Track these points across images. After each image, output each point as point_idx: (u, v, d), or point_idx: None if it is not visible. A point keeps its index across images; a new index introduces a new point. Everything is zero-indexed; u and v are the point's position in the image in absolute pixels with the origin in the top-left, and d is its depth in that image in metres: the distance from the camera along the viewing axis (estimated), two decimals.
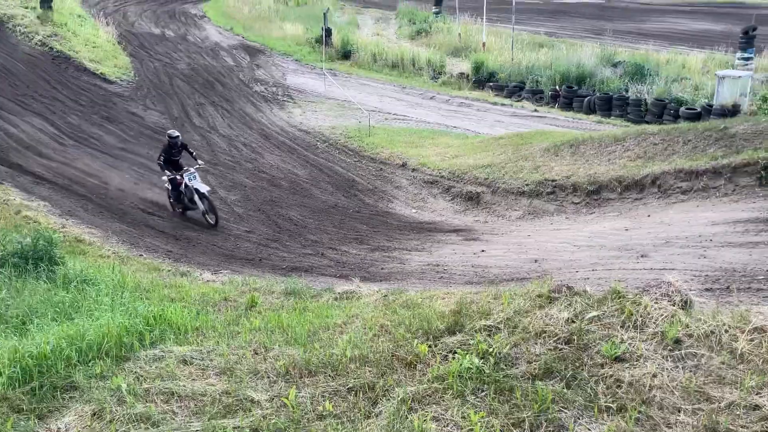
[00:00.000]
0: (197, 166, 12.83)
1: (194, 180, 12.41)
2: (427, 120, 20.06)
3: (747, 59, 21.99)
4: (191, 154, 13.14)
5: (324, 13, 27.66)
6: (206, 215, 12.45)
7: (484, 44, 28.52)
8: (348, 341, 4.28)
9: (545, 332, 3.67)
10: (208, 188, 12.65)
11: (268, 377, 4.02)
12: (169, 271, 8.53)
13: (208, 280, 8.03)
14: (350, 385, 3.77)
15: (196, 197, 12.34)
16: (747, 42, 22.26)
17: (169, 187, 12.87)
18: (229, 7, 39.03)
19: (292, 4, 40.58)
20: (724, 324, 3.33)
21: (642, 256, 7.47)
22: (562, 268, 7.83)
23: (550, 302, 3.99)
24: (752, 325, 3.21)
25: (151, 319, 5.06)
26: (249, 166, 15.76)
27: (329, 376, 3.92)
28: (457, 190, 13.73)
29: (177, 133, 13.07)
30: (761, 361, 3.01)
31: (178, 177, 12.50)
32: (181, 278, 7.89)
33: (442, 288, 6.31)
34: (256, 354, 4.41)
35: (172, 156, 12.84)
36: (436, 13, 36.20)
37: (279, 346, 4.51)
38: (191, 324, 5.17)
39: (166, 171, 12.57)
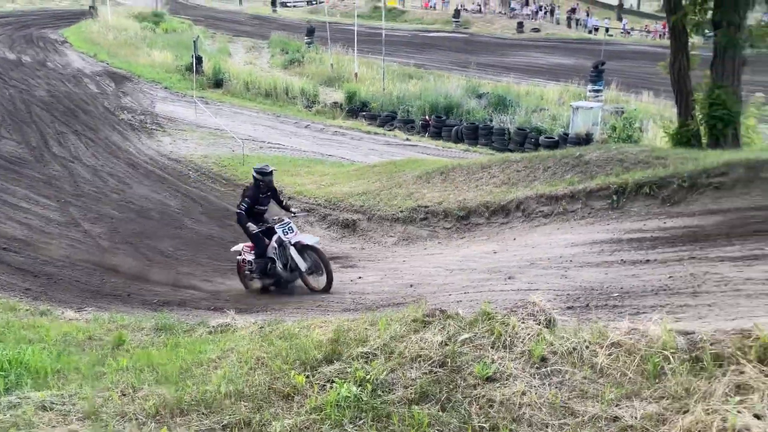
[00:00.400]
0: (293, 215, 10.18)
1: (291, 234, 9.58)
2: (302, 148, 20.10)
3: (597, 91, 23.72)
4: (280, 203, 10.16)
5: (194, 41, 27.15)
6: (309, 277, 9.57)
7: (356, 74, 29.03)
8: (222, 376, 4.17)
9: (420, 356, 3.76)
10: (316, 239, 10.13)
11: (137, 419, 3.83)
12: (27, 310, 7.95)
13: (71, 319, 7.55)
14: (225, 422, 3.67)
15: (296, 256, 9.44)
16: (597, 75, 24.04)
17: (248, 254, 9.87)
18: (92, 33, 37.40)
19: (159, 31, 39.50)
20: (584, 340, 3.53)
21: (509, 277, 7.82)
22: (437, 291, 8.03)
23: (424, 326, 4.08)
24: (610, 340, 3.43)
25: (6, 363, 4.69)
26: (116, 197, 15.06)
27: (203, 413, 3.79)
28: (334, 217, 13.79)
29: (271, 168, 9.82)
30: (618, 374, 3.22)
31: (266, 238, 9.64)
32: (41, 318, 7.38)
33: (320, 316, 6.30)
34: (124, 395, 4.20)
35: (259, 204, 9.75)
36: (309, 44, 36.46)
37: (149, 385, 4.31)
38: (51, 366, 4.85)
39: (249, 226, 9.40)
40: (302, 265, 9.46)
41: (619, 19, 64.78)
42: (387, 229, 13.01)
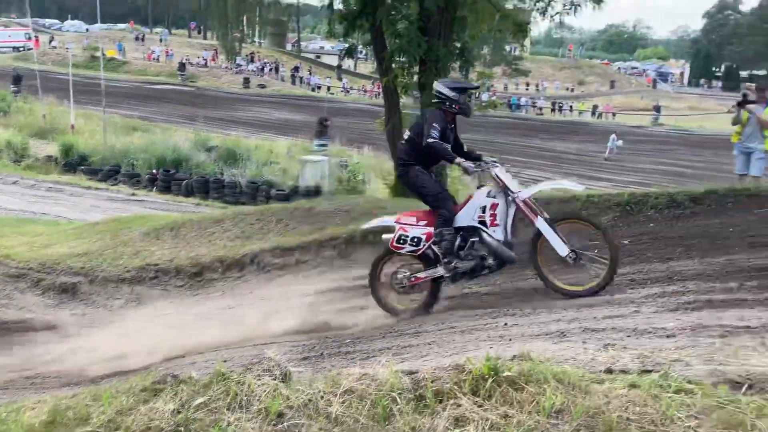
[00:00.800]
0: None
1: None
2: (10, 207, 18.01)
3: (323, 146, 24.82)
4: (461, 145, 7.05)
5: None
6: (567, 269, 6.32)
7: (72, 126, 27.03)
8: None
9: (150, 429, 3.53)
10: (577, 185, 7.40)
11: None
12: None
13: None
14: None
15: (543, 228, 6.13)
16: (322, 131, 25.20)
17: (415, 228, 6.43)
18: None
19: None
20: (319, 390, 3.60)
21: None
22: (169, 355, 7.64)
23: (155, 395, 3.84)
24: (343, 387, 3.54)
25: None
26: None
27: None
28: (49, 282, 12.46)
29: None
30: (352, 421, 3.33)
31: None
32: None
33: (34, 396, 5.61)
34: None
35: (444, 139, 6.55)
36: (15, 93, 33.20)
37: None
38: None
39: (461, 162, 6.35)
40: (560, 247, 6.11)
41: (339, 78, 68.96)
42: (112, 292, 12.11)
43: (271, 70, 67.54)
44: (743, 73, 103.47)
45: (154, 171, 22.94)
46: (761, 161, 10.31)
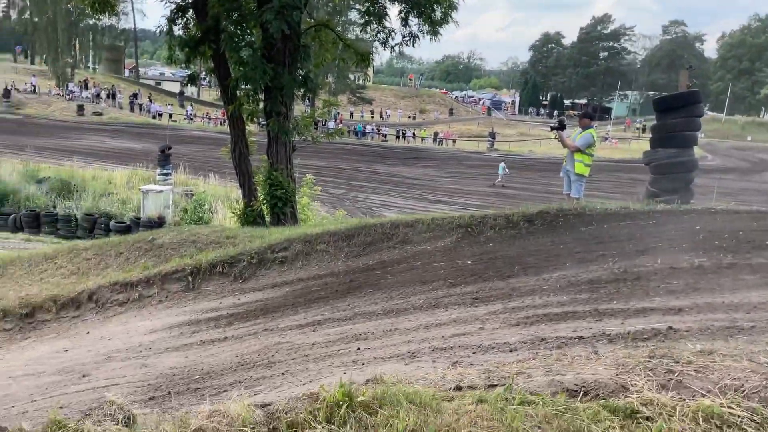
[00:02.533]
0: None
1: None
2: None
3: (166, 175, 24.00)
4: None
5: None
6: None
7: None
8: None
9: None
10: None
11: None
12: None
13: None
14: None
15: None
16: (164, 159, 24.38)
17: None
18: None
19: None
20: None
21: (84, 375, 7.21)
22: None
23: None
24: (192, 427, 3.38)
25: None
26: None
27: None
28: None
29: None
30: None
31: None
32: None
33: None
34: None
35: None
36: None
37: None
38: None
39: None
40: None
41: (182, 106, 67.11)
42: None
43: (107, 96, 64.34)
44: (567, 102, 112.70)
45: None
46: (577, 183, 11.20)
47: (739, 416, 2.75)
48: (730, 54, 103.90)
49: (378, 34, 15.29)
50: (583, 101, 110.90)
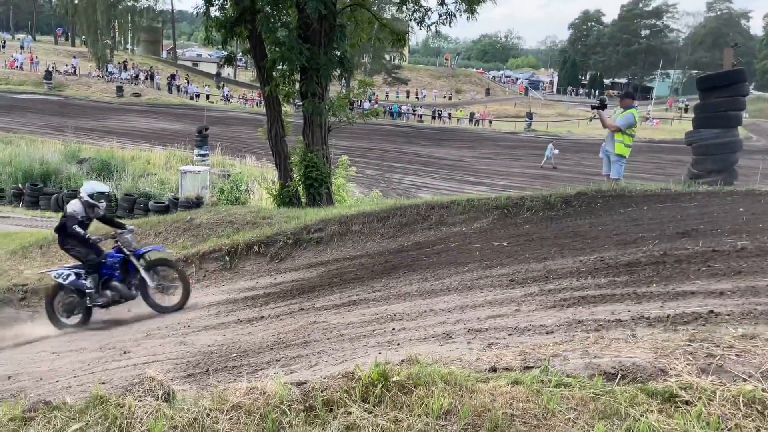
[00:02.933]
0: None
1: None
2: None
3: (204, 155, 24.25)
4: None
5: None
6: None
7: None
8: None
9: None
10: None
11: None
12: None
13: None
14: None
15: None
16: (202, 140, 24.61)
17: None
18: None
19: None
20: (205, 408, 3.47)
21: (125, 352, 7.37)
22: (42, 379, 7.15)
23: (26, 424, 3.57)
24: (230, 403, 3.44)
25: None
26: None
27: None
28: None
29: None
30: None
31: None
32: None
33: None
34: None
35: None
36: None
37: None
38: None
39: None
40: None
41: (219, 87, 67.60)
42: None
43: (146, 78, 65.14)
44: (606, 81, 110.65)
45: (20, 186, 21.52)
46: (617, 164, 10.99)
47: None
48: None
49: (414, 13, 15.18)
50: (624, 81, 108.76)
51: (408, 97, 79.74)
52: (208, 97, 61.74)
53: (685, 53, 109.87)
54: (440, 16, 14.99)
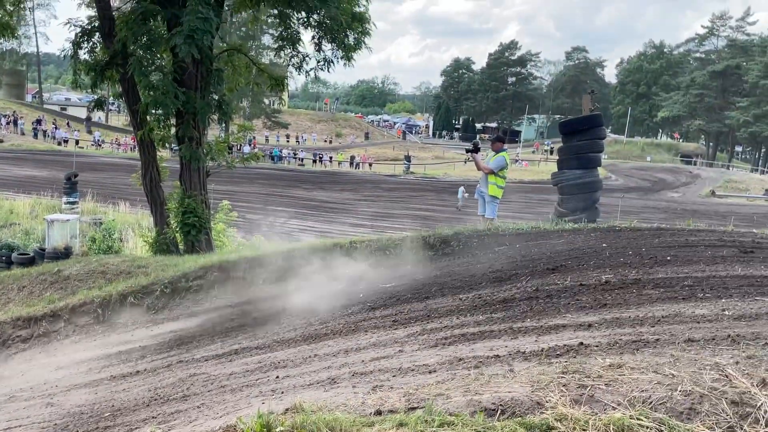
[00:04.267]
0: None
1: None
2: None
3: (73, 203, 23.07)
4: None
5: None
6: None
7: None
8: None
9: None
10: None
11: None
12: None
13: None
14: None
15: None
16: (70, 187, 23.45)
17: None
18: None
19: None
20: None
21: None
22: None
23: None
24: None
25: None
26: None
27: None
28: None
29: None
30: None
31: None
32: None
33: None
34: None
35: None
36: None
37: None
38: None
39: None
40: None
41: (89, 131, 64.87)
42: None
43: (8, 123, 61.41)
44: (478, 125, 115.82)
45: None
46: (491, 204, 11.50)
47: (647, 427, 2.86)
48: (629, 79, 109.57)
49: (292, 59, 15.32)
50: (494, 125, 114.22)
51: (288, 141, 79.78)
52: (77, 142, 58.97)
53: (548, 99, 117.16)
54: (318, 62, 15.22)
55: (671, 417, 2.92)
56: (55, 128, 62.67)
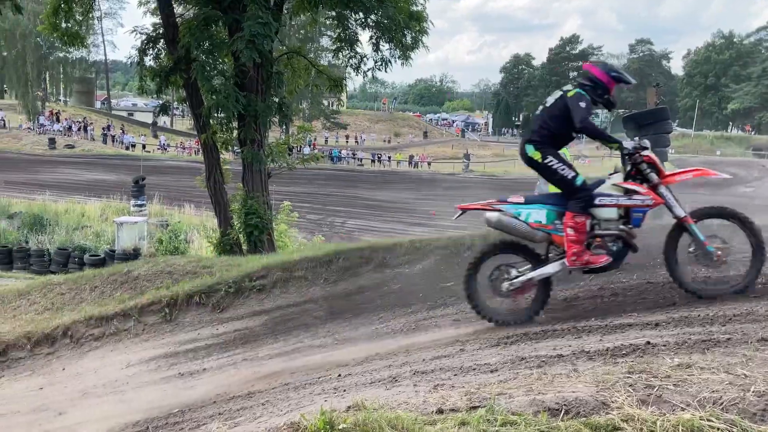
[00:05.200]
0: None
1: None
2: None
3: (140, 206, 23.81)
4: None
5: None
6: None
7: None
8: None
9: None
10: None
11: None
12: None
13: None
14: None
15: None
16: (138, 190, 24.20)
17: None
18: None
19: None
20: None
21: (60, 413, 7.07)
22: None
23: None
24: None
25: None
26: None
27: None
28: None
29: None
30: None
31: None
32: None
33: None
34: None
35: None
36: None
37: None
38: None
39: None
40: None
41: (155, 136, 66.79)
42: None
43: (79, 129, 63.83)
44: None
45: None
46: None
47: (718, 428, 2.76)
48: (696, 71, 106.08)
49: (350, 60, 15.41)
50: None
51: (347, 142, 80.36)
52: (144, 146, 60.84)
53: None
54: (376, 62, 15.27)
55: (743, 418, 2.82)
56: (123, 133, 64.79)
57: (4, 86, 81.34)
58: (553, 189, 11.14)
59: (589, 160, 67.31)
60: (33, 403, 8.09)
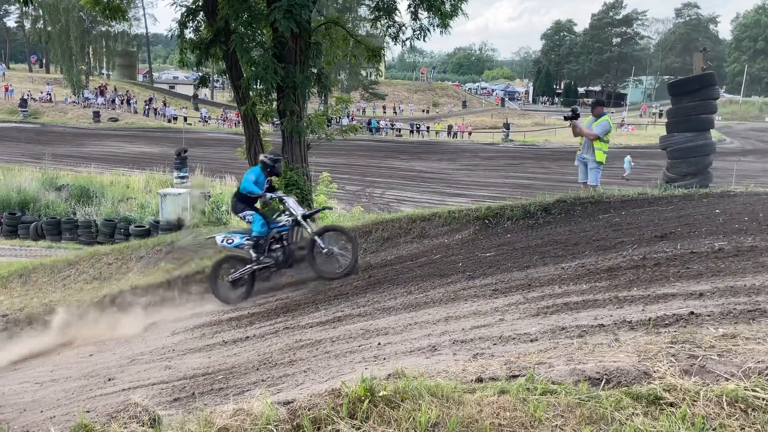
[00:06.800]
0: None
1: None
2: None
3: (183, 177, 24.17)
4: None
5: None
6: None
7: None
8: None
9: None
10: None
11: None
12: None
13: None
14: None
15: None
16: (181, 162, 24.53)
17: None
18: None
19: None
20: None
21: (109, 379, 7.30)
22: (26, 410, 7.05)
23: None
24: (216, 426, 3.41)
25: None
26: None
27: None
28: None
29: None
30: None
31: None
32: None
33: None
34: None
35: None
36: None
37: None
38: None
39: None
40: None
41: (196, 108, 67.42)
42: None
43: (122, 102, 64.86)
44: (580, 90, 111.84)
45: None
46: (595, 171, 11.11)
47: (764, 399, 2.72)
48: (745, 35, 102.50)
49: (388, 29, 15.25)
50: (597, 88, 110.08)
51: (385, 112, 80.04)
52: (185, 119, 61.56)
53: (657, 59, 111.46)
54: (414, 31, 15.08)
55: None
56: (165, 106, 65.60)
57: (50, 61, 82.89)
58: (599, 156, 11.01)
59: (633, 128, 65.97)
60: (84, 369, 8.37)
